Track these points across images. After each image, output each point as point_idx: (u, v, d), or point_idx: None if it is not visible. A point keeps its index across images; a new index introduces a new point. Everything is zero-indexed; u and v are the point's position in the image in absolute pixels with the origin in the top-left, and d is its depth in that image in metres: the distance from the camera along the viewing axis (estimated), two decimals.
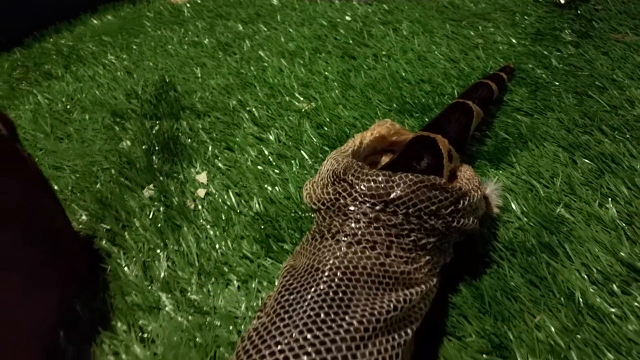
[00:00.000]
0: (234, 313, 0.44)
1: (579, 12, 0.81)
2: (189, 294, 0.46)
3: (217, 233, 0.51)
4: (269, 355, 0.30)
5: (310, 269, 0.35)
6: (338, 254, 0.36)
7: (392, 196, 0.38)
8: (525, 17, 0.81)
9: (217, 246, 0.49)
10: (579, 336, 0.39)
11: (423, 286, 0.37)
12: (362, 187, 0.39)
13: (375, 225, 0.37)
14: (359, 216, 0.38)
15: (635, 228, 0.46)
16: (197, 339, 0.42)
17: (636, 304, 0.41)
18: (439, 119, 0.54)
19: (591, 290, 0.42)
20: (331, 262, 0.35)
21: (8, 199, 0.37)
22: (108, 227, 0.52)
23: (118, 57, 0.84)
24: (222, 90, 0.72)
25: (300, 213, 0.52)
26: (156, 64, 0.81)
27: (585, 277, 0.43)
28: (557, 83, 0.66)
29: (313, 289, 0.33)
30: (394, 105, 0.65)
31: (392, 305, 0.34)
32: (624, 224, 0.47)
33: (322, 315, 0.32)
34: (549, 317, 0.40)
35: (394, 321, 0.34)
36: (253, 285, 0.46)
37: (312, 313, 0.32)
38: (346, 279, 0.34)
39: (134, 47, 0.87)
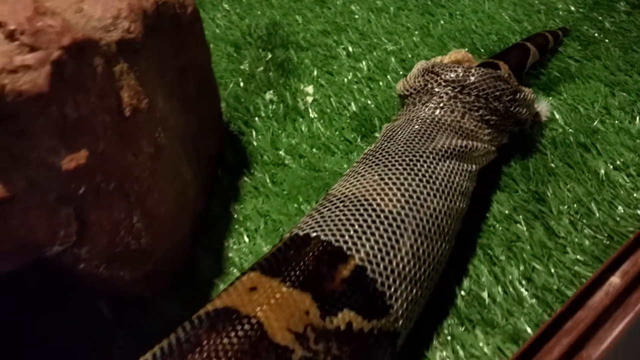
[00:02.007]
0: (338, 171, 0.61)
1: None
2: (304, 158, 0.64)
3: (324, 125, 0.69)
4: (381, 157, 0.47)
5: (406, 120, 0.53)
6: (427, 111, 0.53)
7: (467, 82, 0.55)
8: None
9: (323, 132, 0.67)
10: (599, 196, 0.54)
11: (486, 145, 0.54)
12: (445, 75, 0.56)
13: (454, 100, 0.54)
14: (442, 94, 0.55)
15: None
16: (313, 184, 0.60)
17: None
18: (502, 51, 0.70)
19: (613, 173, 0.57)
20: (422, 115, 0.52)
21: (199, 60, 0.57)
22: (241, 115, 0.71)
23: (231, 6, 1.04)
24: (321, 33, 0.90)
25: (389, 115, 0.69)
26: (264, 13, 1.00)
27: (610, 165, 0.58)
28: (607, 40, 0.80)
29: (409, 128, 0.51)
30: (466, 49, 0.81)
31: (463, 144, 0.51)
32: None
33: (415, 141, 0.49)
34: (577, 185, 0.56)
35: (464, 156, 0.51)
36: (352, 157, 0.63)
37: (408, 139, 0.49)
38: (432, 125, 0.51)
39: (243, 0, 1.07)
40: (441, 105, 0.54)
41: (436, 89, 0.56)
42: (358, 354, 0.37)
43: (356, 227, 0.40)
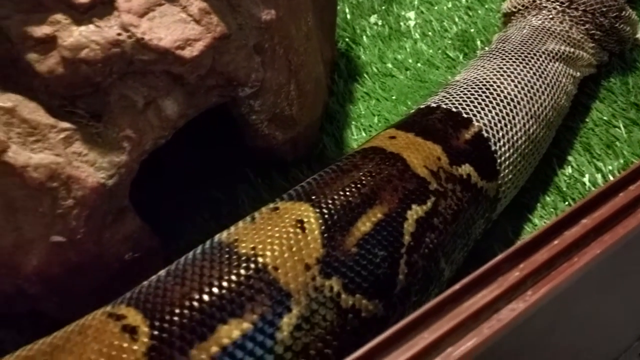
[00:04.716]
0: (444, 82, 0.69)
1: None
2: (410, 70, 0.71)
3: (427, 45, 0.76)
4: (498, 53, 0.54)
5: (518, 28, 0.59)
6: (537, 21, 0.59)
7: None
8: None
9: (426, 50, 0.75)
10: None
11: (589, 57, 0.60)
12: None
13: (562, 14, 0.60)
14: (551, 9, 0.61)
15: None
16: (419, 92, 0.68)
17: None
18: None
19: None
20: (534, 23, 0.59)
21: None
22: (349, 35, 0.79)
23: None
24: None
25: (490, 38, 0.75)
26: None
27: None
28: None
29: (522, 32, 0.58)
30: None
31: (571, 51, 0.57)
32: None
33: (529, 42, 0.56)
34: None
35: (570, 61, 0.57)
36: (456, 71, 0.71)
37: (522, 40, 0.56)
38: (543, 31, 0.58)
39: None
40: (551, 17, 0.60)
41: (545, 4, 0.62)
42: (472, 202, 0.45)
43: (479, 100, 0.48)
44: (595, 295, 0.30)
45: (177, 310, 0.32)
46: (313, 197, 0.39)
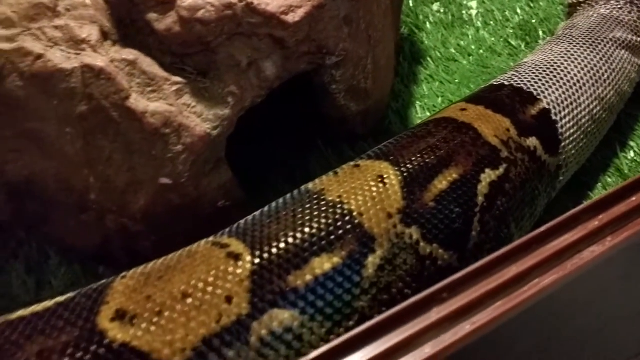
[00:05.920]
0: (506, 69, 0.70)
1: None
2: (472, 56, 0.73)
3: (489, 33, 0.78)
4: (565, 39, 0.56)
5: (586, 16, 0.60)
6: (606, 10, 0.61)
7: None
8: None
9: (488, 38, 0.76)
10: None
11: None
12: None
13: (630, 5, 0.61)
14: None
15: None
16: (482, 77, 0.70)
17: None
18: None
19: None
20: (602, 12, 0.61)
21: None
22: (412, 20, 0.81)
23: None
24: None
25: (553, 28, 0.76)
26: None
27: None
28: None
29: (590, 20, 0.59)
30: None
31: (637, 40, 0.58)
32: None
33: (597, 29, 0.57)
34: None
35: (637, 50, 0.58)
36: (518, 59, 0.72)
37: (590, 27, 0.57)
38: (611, 20, 0.59)
39: None
40: (619, 6, 0.61)
41: None
42: (537, 174, 0.47)
43: (546, 79, 0.50)
44: None
45: (274, 243, 0.35)
46: (391, 157, 0.42)
